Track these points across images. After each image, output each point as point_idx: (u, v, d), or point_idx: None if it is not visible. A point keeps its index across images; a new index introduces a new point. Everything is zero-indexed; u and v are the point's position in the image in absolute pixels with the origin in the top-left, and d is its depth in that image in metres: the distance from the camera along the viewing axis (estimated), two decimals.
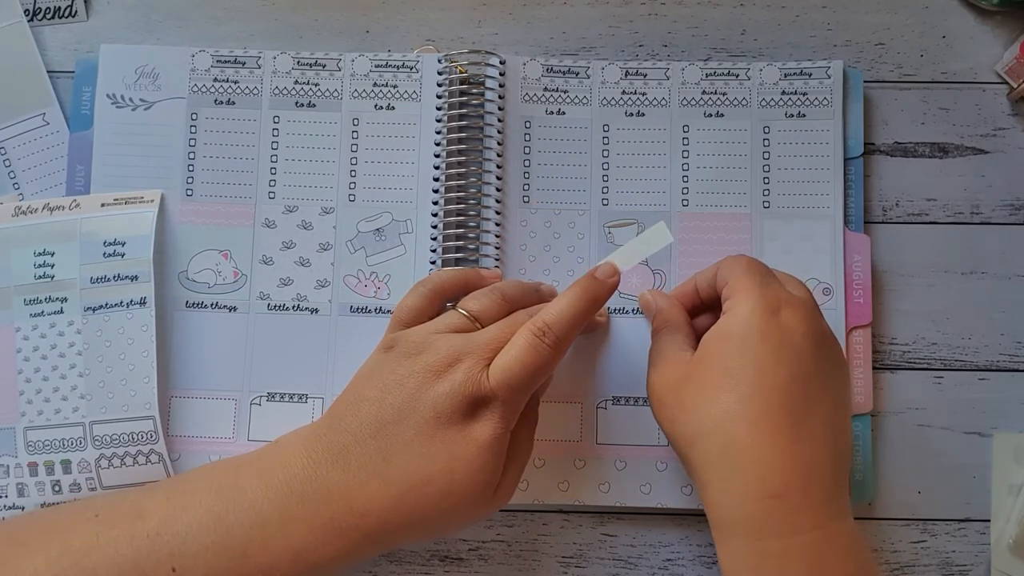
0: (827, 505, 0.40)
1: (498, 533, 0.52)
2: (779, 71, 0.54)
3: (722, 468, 0.41)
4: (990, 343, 0.53)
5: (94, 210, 0.52)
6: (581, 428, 0.52)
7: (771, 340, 0.42)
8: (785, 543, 0.39)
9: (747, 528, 0.40)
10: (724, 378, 0.42)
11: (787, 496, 0.40)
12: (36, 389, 0.51)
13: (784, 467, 0.40)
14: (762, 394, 0.41)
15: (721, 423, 0.41)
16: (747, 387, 0.41)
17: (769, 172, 0.53)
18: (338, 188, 0.53)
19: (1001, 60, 0.55)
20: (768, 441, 0.40)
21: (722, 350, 0.42)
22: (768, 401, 0.41)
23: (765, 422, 0.40)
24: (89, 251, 0.51)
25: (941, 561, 0.52)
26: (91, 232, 0.52)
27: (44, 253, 0.51)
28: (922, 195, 0.54)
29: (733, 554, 0.41)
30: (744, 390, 0.41)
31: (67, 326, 0.51)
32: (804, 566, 0.39)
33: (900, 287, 0.54)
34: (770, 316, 0.42)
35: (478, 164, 0.53)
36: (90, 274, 0.51)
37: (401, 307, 0.46)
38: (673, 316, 0.48)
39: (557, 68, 0.54)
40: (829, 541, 0.40)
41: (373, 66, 0.54)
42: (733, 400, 0.41)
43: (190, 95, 0.54)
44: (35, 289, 0.51)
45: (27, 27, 0.55)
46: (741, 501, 0.40)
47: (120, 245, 0.51)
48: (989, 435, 0.53)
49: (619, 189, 0.54)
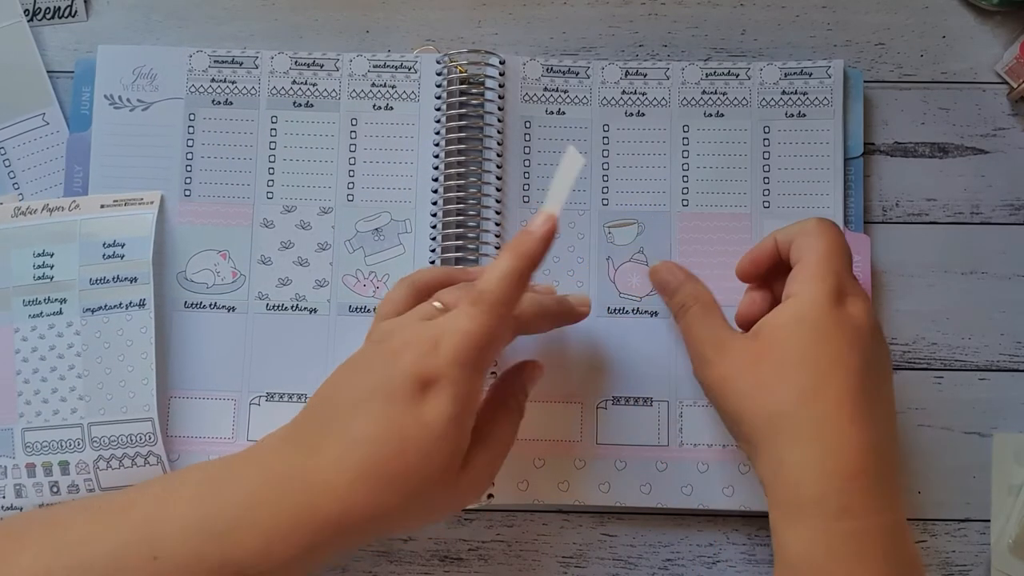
0: (896, 488, 0.41)
1: (498, 533, 0.52)
2: (779, 71, 0.54)
3: (805, 445, 0.41)
4: (990, 343, 0.53)
5: (94, 211, 0.52)
6: (581, 428, 0.52)
7: (844, 327, 0.43)
8: (864, 523, 0.40)
9: (826, 508, 0.40)
10: (803, 360, 0.42)
11: (866, 476, 0.40)
12: (35, 390, 0.51)
13: (864, 447, 0.41)
14: (842, 377, 0.42)
15: (806, 402, 0.42)
16: (829, 368, 0.42)
17: (769, 172, 0.53)
18: (336, 188, 0.53)
19: (1001, 60, 0.55)
20: (848, 421, 0.41)
21: (797, 333, 0.43)
22: (847, 384, 0.42)
23: (847, 403, 0.41)
24: (89, 252, 0.51)
25: (941, 561, 0.52)
26: (91, 233, 0.52)
27: (43, 254, 0.51)
28: (922, 195, 0.54)
29: (807, 536, 0.41)
30: (826, 371, 0.42)
31: (66, 327, 0.51)
32: (880, 549, 0.40)
33: (900, 287, 0.54)
34: (840, 304, 0.43)
35: (478, 164, 0.53)
36: (89, 275, 0.51)
37: (383, 300, 0.46)
38: (702, 293, 0.48)
39: (557, 68, 0.54)
40: (900, 524, 0.41)
41: (371, 66, 0.54)
42: (816, 381, 0.42)
43: (188, 95, 0.54)
44: (34, 290, 0.51)
45: (27, 27, 0.55)
46: (823, 478, 0.41)
47: (120, 246, 0.51)
48: (989, 435, 0.53)
49: (619, 189, 0.54)
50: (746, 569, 0.52)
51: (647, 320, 0.52)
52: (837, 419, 0.41)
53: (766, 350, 0.43)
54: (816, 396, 0.41)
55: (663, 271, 0.51)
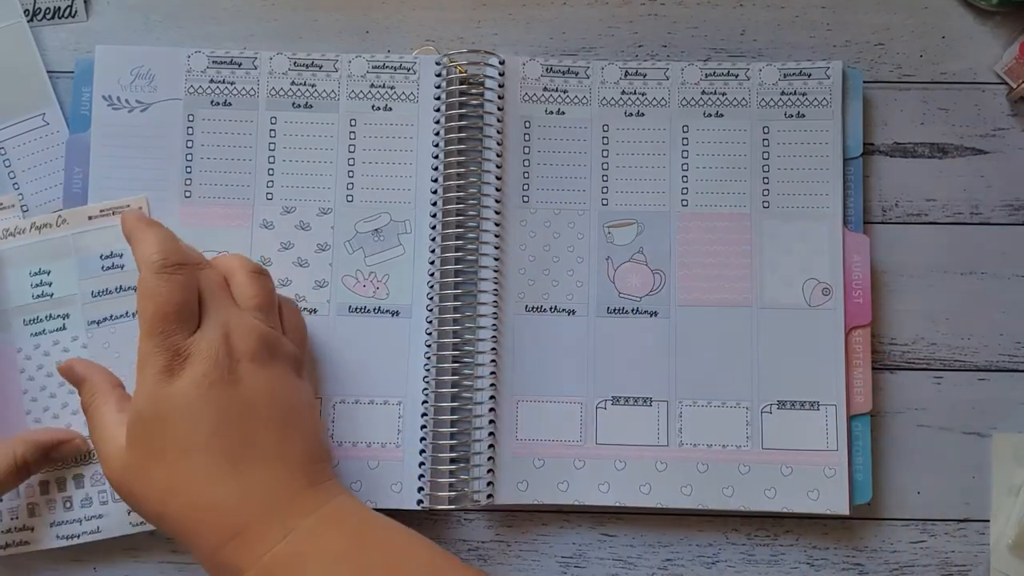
0: (293, 514, 0.40)
1: (498, 533, 0.52)
2: (779, 71, 0.54)
3: (185, 536, 0.40)
4: (990, 343, 0.53)
5: (82, 223, 0.52)
6: (581, 428, 0.52)
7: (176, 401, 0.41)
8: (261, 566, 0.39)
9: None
10: (150, 454, 0.41)
11: (248, 529, 0.39)
12: (43, 407, 0.51)
13: (232, 505, 0.40)
14: (187, 453, 0.40)
15: (163, 498, 0.40)
16: (172, 453, 0.40)
17: (769, 172, 0.53)
18: (336, 189, 0.53)
19: (1000, 60, 0.55)
20: (209, 491, 0.40)
21: (137, 428, 0.41)
22: (193, 460, 0.40)
23: (201, 475, 0.40)
24: (87, 266, 0.51)
25: (940, 561, 0.52)
26: (85, 247, 0.52)
27: (40, 272, 0.51)
28: (921, 195, 0.54)
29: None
30: (171, 457, 0.40)
31: (71, 341, 0.51)
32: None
33: (900, 287, 0.54)
34: (168, 381, 0.41)
35: (477, 164, 0.53)
36: (91, 288, 0.51)
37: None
38: (100, 382, 0.46)
39: (557, 68, 0.54)
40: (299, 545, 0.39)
41: (370, 67, 0.54)
42: (164, 473, 0.40)
43: (186, 96, 0.54)
44: (34, 308, 0.51)
45: (27, 27, 0.55)
46: (211, 556, 0.40)
47: (118, 257, 0.51)
48: (989, 435, 0.53)
49: (619, 189, 0.54)
50: (746, 569, 0.52)
51: (647, 320, 0.52)
52: (198, 496, 0.40)
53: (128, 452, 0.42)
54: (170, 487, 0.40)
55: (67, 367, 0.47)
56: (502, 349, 0.52)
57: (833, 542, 0.52)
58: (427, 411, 0.51)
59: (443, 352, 0.52)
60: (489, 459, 0.51)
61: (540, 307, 0.53)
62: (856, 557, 0.52)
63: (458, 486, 0.50)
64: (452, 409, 0.51)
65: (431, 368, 0.51)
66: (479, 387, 0.51)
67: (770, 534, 0.52)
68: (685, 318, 0.52)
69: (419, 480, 0.51)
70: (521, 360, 0.52)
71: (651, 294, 0.53)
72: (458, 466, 0.51)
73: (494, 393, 0.52)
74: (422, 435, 0.51)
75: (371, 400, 0.52)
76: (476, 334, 0.52)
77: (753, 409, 0.52)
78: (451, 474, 0.50)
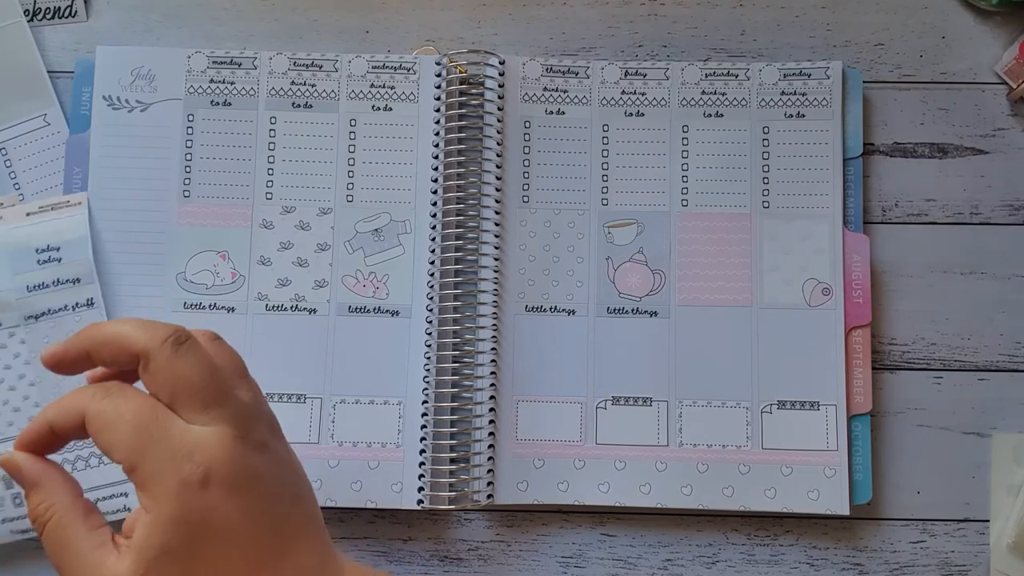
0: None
1: (498, 533, 0.52)
2: (778, 71, 0.54)
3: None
4: (990, 343, 0.53)
5: (20, 220, 0.51)
6: (581, 428, 0.52)
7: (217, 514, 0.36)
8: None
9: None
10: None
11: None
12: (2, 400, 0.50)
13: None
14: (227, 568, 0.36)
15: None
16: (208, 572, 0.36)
17: (768, 172, 0.53)
18: (336, 189, 0.53)
19: (1000, 60, 0.55)
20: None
21: (163, 563, 0.36)
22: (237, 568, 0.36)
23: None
24: (20, 260, 0.51)
25: (940, 561, 0.52)
26: (18, 241, 0.51)
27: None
28: (921, 195, 0.54)
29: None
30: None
31: (8, 337, 0.50)
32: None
33: (900, 287, 0.54)
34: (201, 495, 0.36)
35: (477, 164, 0.53)
36: (25, 283, 0.51)
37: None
38: (57, 491, 0.38)
39: (557, 68, 0.54)
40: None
41: (370, 67, 0.54)
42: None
43: (186, 96, 0.54)
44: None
45: (27, 27, 0.55)
46: None
47: (55, 250, 0.51)
48: (988, 435, 0.53)
49: (619, 189, 0.54)
50: (745, 569, 0.52)
51: (647, 320, 0.52)
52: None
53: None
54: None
55: (8, 459, 0.39)
56: (502, 349, 0.52)
57: (833, 542, 0.52)
58: (427, 411, 0.51)
59: (443, 352, 0.52)
60: (489, 459, 0.51)
61: (540, 307, 0.53)
62: (856, 557, 0.52)
63: (458, 486, 0.51)
64: (452, 409, 0.51)
65: (431, 368, 0.51)
66: (479, 387, 0.51)
67: (770, 534, 0.52)
68: (685, 318, 0.53)
69: (419, 480, 0.51)
70: (521, 360, 0.52)
71: (651, 294, 0.53)
72: (458, 466, 0.51)
73: (494, 393, 0.52)
74: (422, 435, 0.51)
75: (371, 400, 0.52)
76: (476, 334, 0.52)
77: (753, 409, 0.52)
78: (451, 474, 0.51)
